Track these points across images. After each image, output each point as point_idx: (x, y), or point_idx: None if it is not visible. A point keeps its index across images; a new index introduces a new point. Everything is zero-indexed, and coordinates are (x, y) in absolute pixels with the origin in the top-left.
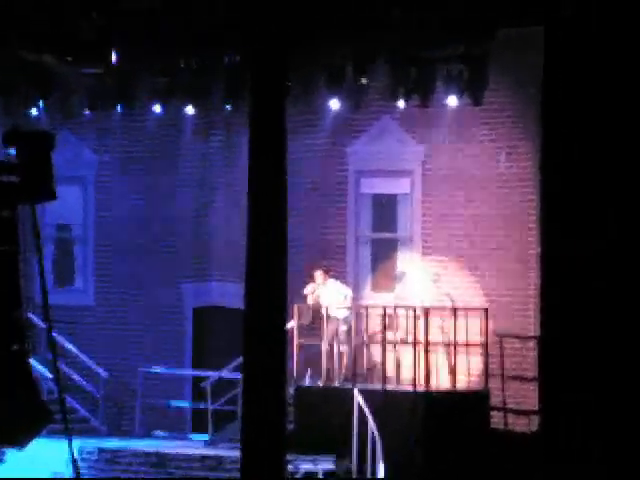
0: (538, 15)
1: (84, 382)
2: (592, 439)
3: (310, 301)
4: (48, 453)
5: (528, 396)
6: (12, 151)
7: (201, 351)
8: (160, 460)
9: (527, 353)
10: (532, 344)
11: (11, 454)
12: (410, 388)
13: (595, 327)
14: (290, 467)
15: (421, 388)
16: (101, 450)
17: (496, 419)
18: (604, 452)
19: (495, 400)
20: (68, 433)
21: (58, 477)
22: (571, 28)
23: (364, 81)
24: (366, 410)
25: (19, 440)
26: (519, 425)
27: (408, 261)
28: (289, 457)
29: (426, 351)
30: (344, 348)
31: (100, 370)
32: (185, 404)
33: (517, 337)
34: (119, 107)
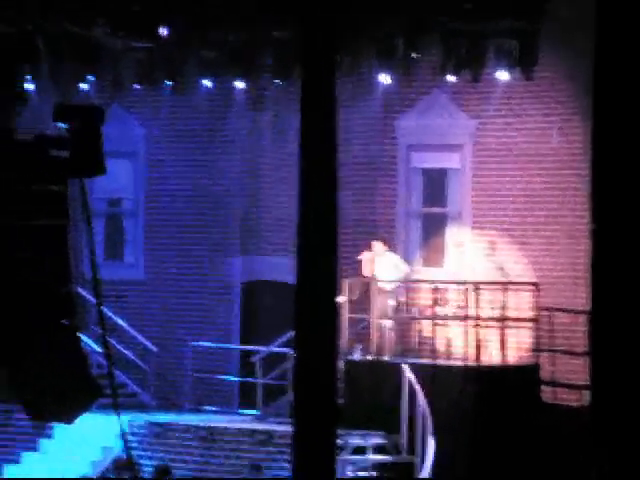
0: None
1: (133, 356)
2: None
3: (367, 271)
4: (98, 428)
5: (578, 371)
6: (62, 125)
7: (250, 326)
8: (210, 434)
9: (577, 328)
10: (581, 319)
11: (60, 429)
12: (460, 363)
13: None
14: (339, 441)
15: (471, 363)
16: (150, 424)
17: (546, 394)
18: None
19: (545, 375)
20: (117, 407)
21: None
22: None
23: (414, 55)
24: (416, 385)
25: (68, 415)
26: (570, 400)
27: (458, 236)
28: (339, 431)
29: (476, 326)
30: (391, 323)
31: (149, 344)
32: (234, 378)
33: (567, 311)
34: (168, 81)
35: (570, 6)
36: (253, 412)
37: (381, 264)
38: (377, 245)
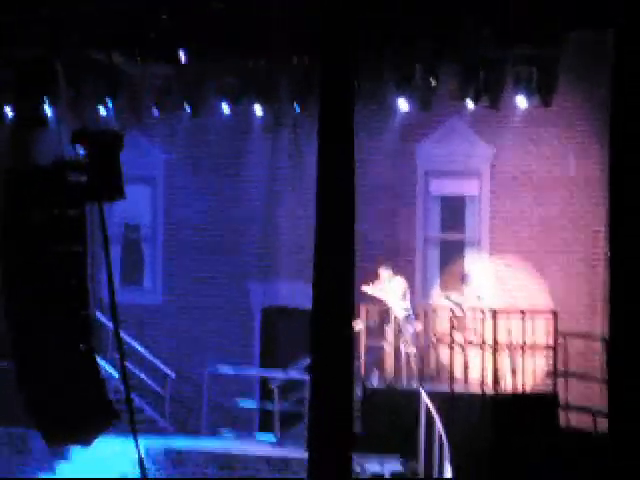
0: (609, 18)
1: (151, 382)
2: None
3: (383, 299)
4: (115, 452)
5: (594, 398)
6: (81, 151)
7: (269, 351)
8: (227, 460)
9: (592, 356)
10: (597, 346)
11: (77, 452)
12: (478, 390)
13: None
14: (356, 468)
15: (489, 390)
16: (168, 450)
17: (561, 419)
18: None
19: (560, 401)
20: (135, 432)
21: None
22: None
23: (433, 81)
24: (433, 411)
25: (85, 438)
26: (584, 426)
27: (476, 262)
28: (356, 458)
29: (494, 352)
30: (411, 349)
31: (167, 369)
32: (252, 404)
33: (584, 338)
34: (187, 107)
35: (589, 35)
36: (271, 438)
37: (390, 290)
38: (382, 272)
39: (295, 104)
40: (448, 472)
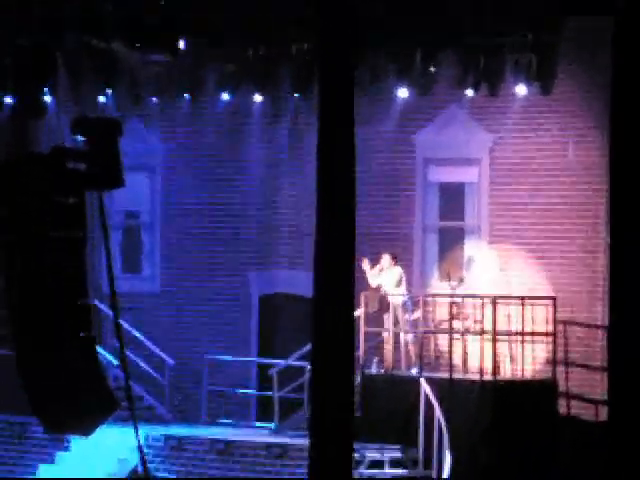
0: (608, 3)
1: (150, 369)
2: None
3: (372, 283)
4: (114, 440)
5: (594, 385)
6: (80, 138)
7: (267, 339)
8: (226, 448)
9: (593, 343)
10: (598, 333)
11: (77, 441)
12: (477, 377)
13: None
14: (356, 455)
15: (488, 377)
16: (167, 437)
17: (561, 407)
18: None
19: (560, 389)
20: (134, 420)
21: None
22: None
23: (433, 69)
24: (433, 399)
25: (85, 427)
26: (585, 414)
27: (475, 250)
28: (355, 445)
29: (494, 340)
30: (409, 336)
31: (166, 357)
32: (251, 392)
33: (584, 325)
34: (187, 95)
35: (588, 22)
36: (270, 425)
37: (387, 277)
38: (384, 258)
39: (295, 92)
40: (447, 459)
